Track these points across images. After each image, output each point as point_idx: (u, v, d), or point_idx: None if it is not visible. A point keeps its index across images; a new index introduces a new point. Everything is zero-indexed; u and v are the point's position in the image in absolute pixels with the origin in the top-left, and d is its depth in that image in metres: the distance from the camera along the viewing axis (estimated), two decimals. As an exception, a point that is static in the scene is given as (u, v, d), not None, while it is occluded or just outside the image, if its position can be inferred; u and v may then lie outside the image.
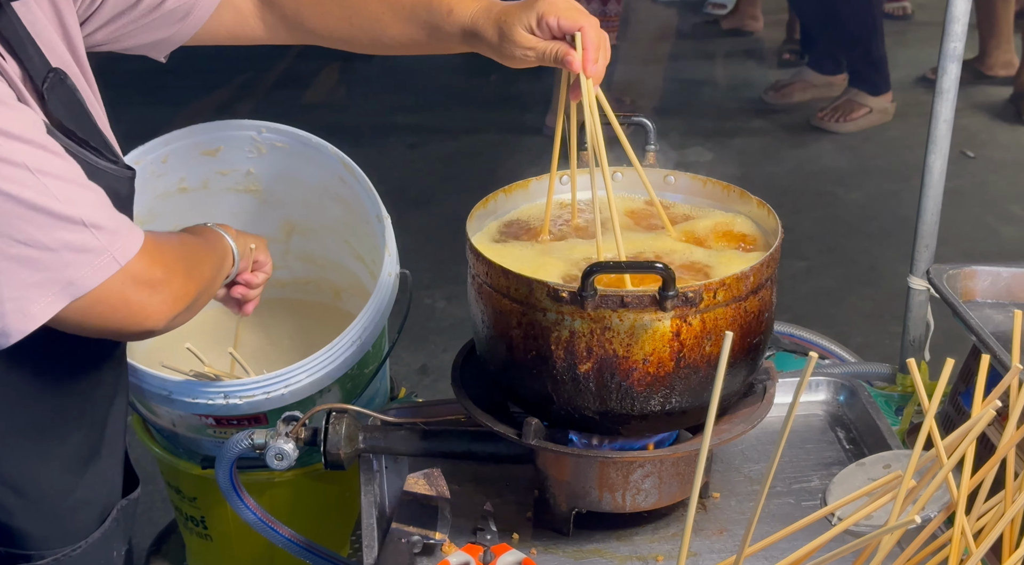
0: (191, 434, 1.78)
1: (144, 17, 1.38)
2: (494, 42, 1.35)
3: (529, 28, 1.34)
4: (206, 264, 1.35)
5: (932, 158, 1.71)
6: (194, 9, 1.42)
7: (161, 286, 1.17)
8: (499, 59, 1.38)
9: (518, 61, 1.36)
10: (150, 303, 1.16)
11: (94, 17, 1.35)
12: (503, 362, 1.37)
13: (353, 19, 1.44)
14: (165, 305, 1.18)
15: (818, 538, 1.06)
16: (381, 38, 1.45)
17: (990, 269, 1.59)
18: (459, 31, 1.39)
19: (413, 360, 3.50)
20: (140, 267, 1.14)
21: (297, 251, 2.07)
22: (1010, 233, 3.96)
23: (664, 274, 1.24)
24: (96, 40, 1.37)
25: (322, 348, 1.70)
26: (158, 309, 1.18)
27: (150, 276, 1.16)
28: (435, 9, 1.39)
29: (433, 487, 1.47)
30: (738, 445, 1.57)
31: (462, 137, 4.68)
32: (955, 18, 1.61)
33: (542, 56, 1.34)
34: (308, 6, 1.45)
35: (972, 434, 1.03)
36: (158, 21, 1.40)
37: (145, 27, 1.39)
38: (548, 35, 1.34)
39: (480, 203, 1.48)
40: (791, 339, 1.94)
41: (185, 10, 1.41)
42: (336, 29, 1.46)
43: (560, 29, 1.33)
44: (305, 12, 1.46)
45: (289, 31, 1.49)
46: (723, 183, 1.52)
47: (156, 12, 1.39)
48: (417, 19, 1.41)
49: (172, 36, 1.43)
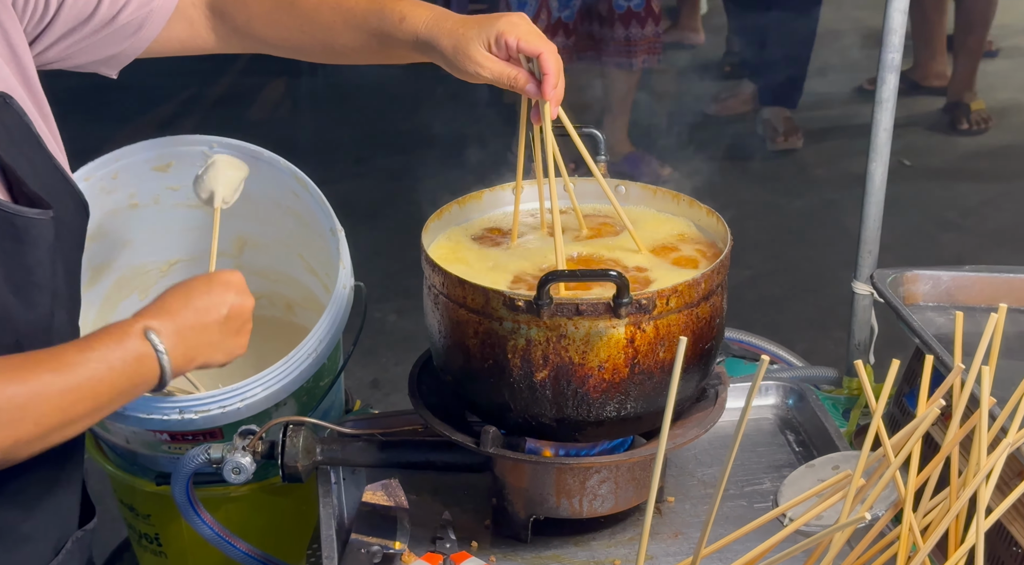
0: (145, 451, 1.77)
1: (97, 32, 1.36)
2: (448, 53, 1.36)
3: (487, 45, 1.35)
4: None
5: (873, 166, 1.76)
6: (146, 22, 1.41)
7: None
8: (451, 71, 1.40)
9: (470, 76, 1.38)
10: None
11: (45, 35, 1.32)
12: (460, 371, 1.39)
13: (304, 27, 1.43)
14: None
15: (770, 539, 1.09)
16: (333, 46, 1.44)
17: (931, 273, 1.64)
18: (412, 39, 1.39)
19: (365, 374, 3.49)
20: None
21: (249, 265, 2.06)
22: (948, 238, 4.06)
23: (618, 282, 1.27)
24: (48, 58, 1.35)
25: (276, 362, 1.70)
26: None
27: None
28: (387, 17, 1.39)
29: (391, 497, 1.48)
30: (691, 449, 1.60)
31: (409, 151, 4.69)
32: (892, 29, 1.66)
33: (497, 77, 1.35)
34: (259, 16, 1.45)
35: (917, 433, 1.07)
36: (111, 36, 1.38)
37: (98, 42, 1.38)
38: (504, 55, 1.35)
39: (435, 214, 1.50)
40: (741, 345, 1.98)
41: (138, 23, 1.40)
42: (288, 38, 1.45)
43: (519, 51, 1.34)
44: (256, 22, 1.45)
45: (241, 41, 1.48)
46: (672, 192, 1.56)
47: (110, 27, 1.37)
48: (369, 27, 1.41)
49: (125, 50, 1.42)
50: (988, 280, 1.63)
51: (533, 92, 1.35)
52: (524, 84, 1.35)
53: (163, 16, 1.42)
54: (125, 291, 1.99)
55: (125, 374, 1.10)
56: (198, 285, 1.21)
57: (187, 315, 1.17)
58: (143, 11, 1.40)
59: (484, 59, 1.35)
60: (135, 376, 1.11)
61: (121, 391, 1.11)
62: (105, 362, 1.09)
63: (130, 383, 1.11)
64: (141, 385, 1.13)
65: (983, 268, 1.65)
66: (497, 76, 1.35)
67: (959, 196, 4.40)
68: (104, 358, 1.09)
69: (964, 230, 4.14)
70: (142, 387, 1.13)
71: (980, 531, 1.03)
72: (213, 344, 1.20)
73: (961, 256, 3.85)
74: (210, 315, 1.19)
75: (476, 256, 1.47)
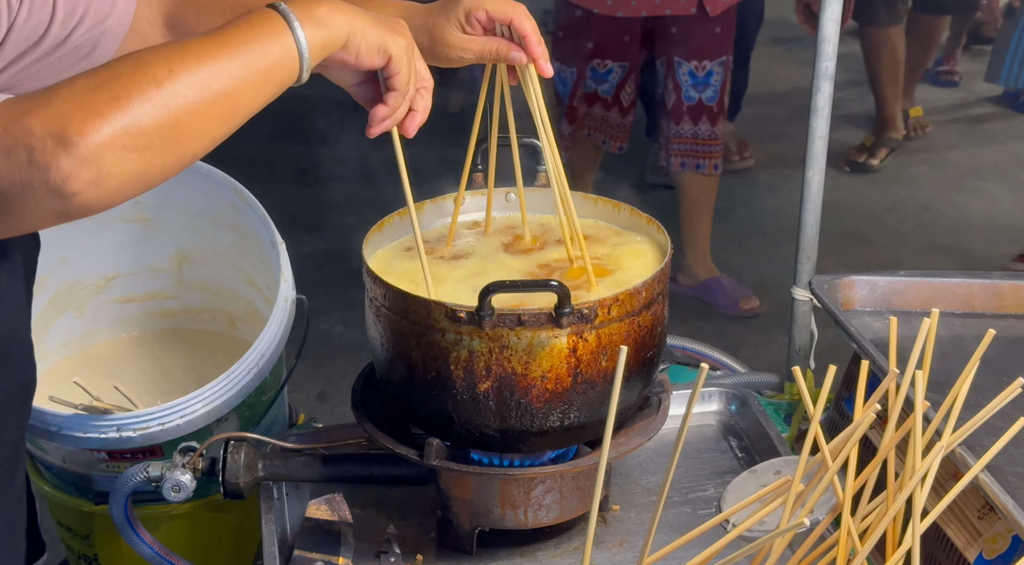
0: (82, 470, 1.73)
1: (48, 55, 1.26)
2: (426, 47, 1.33)
3: (460, 27, 1.32)
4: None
5: (810, 173, 1.79)
6: (100, 43, 1.31)
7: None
8: (435, 63, 1.36)
9: (455, 62, 1.35)
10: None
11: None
12: (403, 384, 1.38)
13: None
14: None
15: (713, 545, 1.09)
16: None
17: (867, 278, 1.67)
18: None
19: (311, 387, 3.46)
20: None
21: (189, 280, 2.04)
22: (887, 242, 4.14)
23: (559, 292, 1.27)
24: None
25: (217, 377, 1.68)
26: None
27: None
28: None
29: (335, 512, 1.47)
30: (636, 457, 1.60)
31: (353, 162, 4.67)
32: (826, 39, 1.68)
33: (481, 54, 1.33)
34: None
35: (854, 437, 1.08)
36: (63, 59, 1.28)
37: (49, 66, 1.27)
38: (479, 31, 1.33)
39: (375, 226, 1.49)
40: (684, 352, 1.99)
41: (91, 44, 1.30)
42: None
43: (490, 21, 1.32)
44: None
45: None
46: (614, 201, 1.56)
47: (61, 48, 1.27)
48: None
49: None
50: (923, 285, 1.66)
51: (519, 58, 1.33)
52: (509, 52, 1.32)
53: (117, 36, 1.33)
54: (60, 308, 1.96)
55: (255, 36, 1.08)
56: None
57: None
58: (96, 31, 1.30)
59: (463, 42, 1.33)
60: (264, 35, 1.08)
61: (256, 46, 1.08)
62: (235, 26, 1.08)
63: (261, 46, 1.08)
64: (274, 45, 1.09)
65: (918, 273, 1.68)
66: (481, 53, 1.33)
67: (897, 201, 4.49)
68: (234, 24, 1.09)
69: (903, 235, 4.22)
70: (275, 47, 1.09)
71: (916, 534, 1.05)
72: (354, 13, 1.14)
73: (900, 261, 3.93)
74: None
75: (416, 267, 1.46)
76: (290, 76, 1.12)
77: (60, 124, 0.97)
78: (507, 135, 1.45)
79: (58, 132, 0.97)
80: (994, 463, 1.21)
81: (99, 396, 1.74)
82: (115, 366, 1.95)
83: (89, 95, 1.00)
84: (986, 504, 1.28)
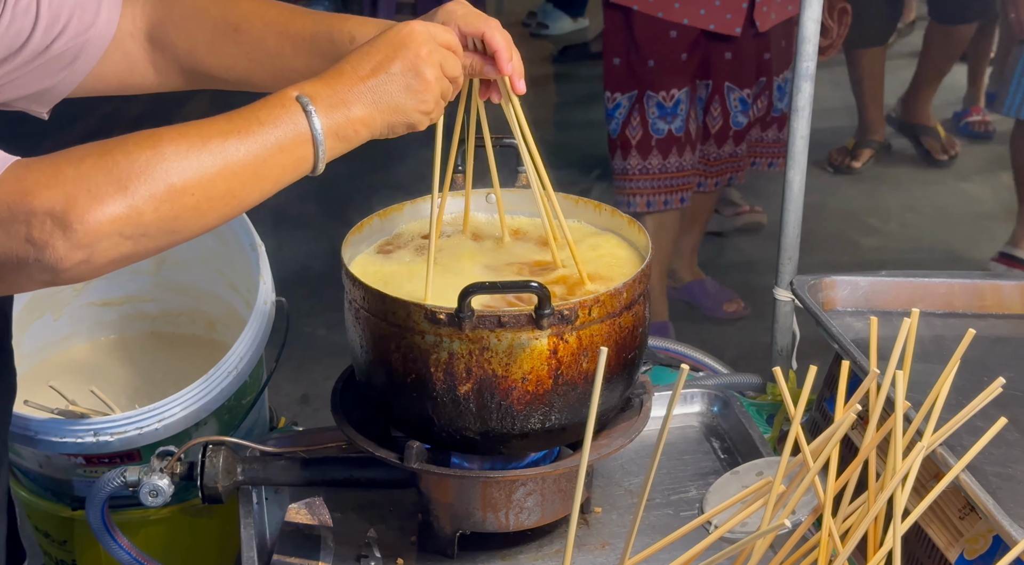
0: (60, 475, 1.72)
1: (29, 63, 1.26)
2: None
3: None
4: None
5: (792, 174, 1.78)
6: (82, 52, 1.31)
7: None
8: None
9: None
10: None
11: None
12: (383, 386, 1.37)
13: (252, 55, 1.35)
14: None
15: (695, 547, 1.09)
16: (282, 72, 1.36)
17: (849, 279, 1.67)
18: None
19: (294, 390, 3.45)
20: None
21: (168, 283, 2.03)
22: (869, 243, 4.15)
23: (539, 293, 1.26)
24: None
25: (196, 381, 1.67)
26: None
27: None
28: (336, 39, 1.33)
29: (315, 516, 1.46)
30: (618, 459, 1.60)
31: (339, 163, 4.65)
32: (806, 39, 1.68)
33: None
34: (202, 45, 1.36)
35: (835, 438, 1.08)
36: (44, 67, 1.28)
37: (30, 74, 1.28)
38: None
39: (355, 228, 1.48)
40: (666, 353, 1.99)
41: (73, 53, 1.30)
42: (233, 67, 1.37)
43: (462, 35, 1.31)
44: (199, 51, 1.36)
45: (183, 75, 1.39)
46: (595, 202, 1.55)
47: (42, 57, 1.27)
48: (318, 50, 1.34)
49: (58, 84, 1.32)
50: (904, 285, 1.66)
51: (493, 72, 1.32)
52: (483, 67, 1.31)
53: (100, 46, 1.33)
54: (37, 312, 1.94)
55: (275, 129, 1.10)
56: (368, 44, 1.20)
57: (344, 68, 1.17)
58: (79, 40, 1.30)
59: None
60: (283, 128, 1.11)
61: (265, 147, 1.10)
62: (256, 119, 1.10)
63: (279, 142, 1.11)
64: (292, 142, 1.11)
65: (899, 273, 1.68)
66: None
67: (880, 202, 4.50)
68: (254, 115, 1.11)
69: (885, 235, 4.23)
70: (294, 144, 1.12)
71: (896, 534, 1.04)
72: (376, 100, 1.16)
73: (883, 261, 3.94)
74: (363, 69, 1.17)
75: (397, 269, 1.45)
76: (301, 176, 1.15)
77: (63, 208, 0.99)
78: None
79: (60, 216, 0.99)
80: (975, 463, 1.21)
81: (75, 400, 1.73)
82: (93, 370, 1.94)
83: (97, 182, 1.01)
84: (967, 504, 1.27)
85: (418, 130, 1.23)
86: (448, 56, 1.22)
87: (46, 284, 1.05)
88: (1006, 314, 1.66)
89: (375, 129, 1.18)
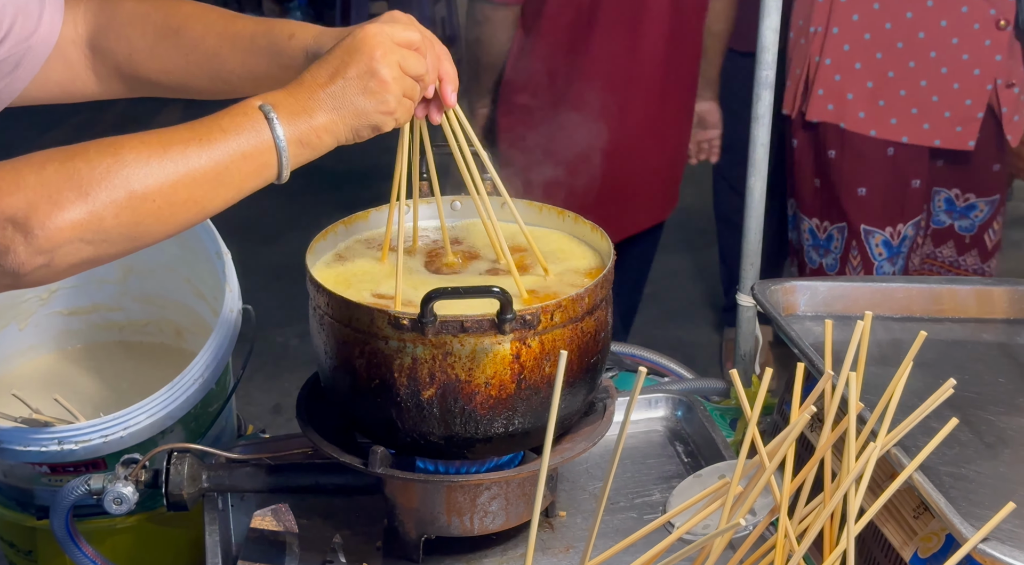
0: (23, 484, 1.71)
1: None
2: None
3: None
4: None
5: (753, 181, 1.81)
6: (23, 60, 1.31)
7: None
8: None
9: None
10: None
11: None
12: (347, 392, 1.38)
13: (191, 56, 1.37)
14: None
15: (655, 547, 1.10)
16: (220, 73, 1.38)
17: (808, 283, 1.69)
18: (302, 55, 1.34)
19: (266, 400, 3.45)
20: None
21: (135, 292, 2.02)
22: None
23: (501, 298, 1.27)
24: None
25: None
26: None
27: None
28: (276, 36, 1.35)
29: (281, 523, 1.46)
30: (583, 463, 1.61)
31: (310, 174, 4.65)
32: (765, 47, 1.71)
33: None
34: (142, 50, 1.38)
35: (790, 438, 1.10)
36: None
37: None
38: None
39: (320, 235, 1.49)
40: (632, 359, 2.00)
41: (15, 61, 1.31)
42: (172, 70, 1.38)
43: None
44: (139, 56, 1.38)
45: (123, 81, 1.40)
46: (558, 208, 1.57)
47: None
48: (257, 48, 1.35)
49: (0, 92, 1.32)
50: (863, 289, 1.68)
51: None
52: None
53: (41, 54, 1.34)
54: (2, 321, 1.93)
55: (237, 137, 1.11)
56: (327, 53, 1.22)
57: (304, 78, 1.19)
58: (21, 48, 1.31)
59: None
60: (246, 136, 1.12)
61: (227, 155, 1.11)
62: (218, 127, 1.12)
63: (241, 150, 1.12)
64: (254, 150, 1.13)
65: (857, 278, 1.71)
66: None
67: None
68: (216, 123, 1.12)
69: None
70: (256, 152, 1.13)
71: (850, 534, 1.06)
72: (337, 106, 1.18)
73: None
74: (321, 77, 1.19)
75: (360, 275, 1.46)
76: (265, 183, 1.17)
77: (25, 214, 1.01)
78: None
79: (22, 221, 1.00)
80: (929, 463, 1.23)
81: (39, 409, 1.72)
82: (60, 379, 1.93)
83: (58, 189, 1.02)
84: (921, 504, 1.30)
85: (384, 131, 1.24)
86: (408, 55, 1.23)
87: (7, 287, 1.06)
88: (962, 318, 1.69)
89: (339, 135, 1.20)
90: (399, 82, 1.21)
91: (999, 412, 1.45)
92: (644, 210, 2.72)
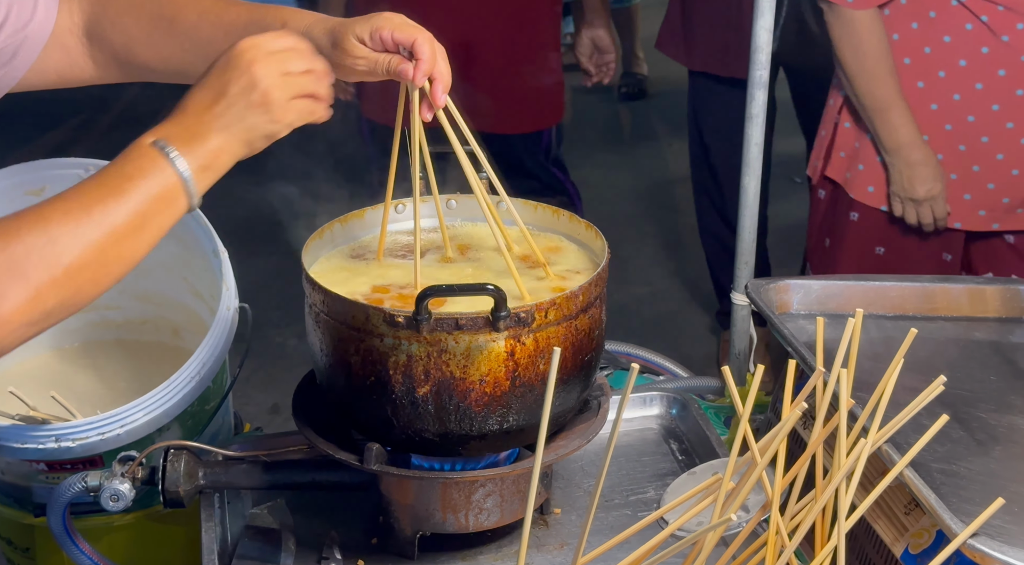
0: (21, 482, 1.72)
1: None
2: (326, 51, 1.34)
3: (361, 39, 1.33)
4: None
5: (747, 180, 1.82)
6: (21, 49, 1.34)
7: None
8: (335, 71, 1.36)
9: (348, 70, 1.36)
10: None
11: None
12: (343, 389, 1.38)
13: (186, 45, 1.39)
14: None
15: (648, 542, 1.11)
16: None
17: (802, 282, 1.70)
18: None
19: (264, 399, 3.45)
20: None
21: (132, 290, 2.03)
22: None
23: (496, 295, 1.28)
24: None
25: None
26: None
27: None
28: (269, 24, 1.36)
29: (277, 519, 1.47)
30: (578, 461, 1.62)
31: (310, 174, 4.65)
32: (759, 47, 1.72)
33: (373, 67, 1.34)
34: (138, 39, 1.40)
35: (781, 434, 1.10)
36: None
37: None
38: (381, 48, 1.34)
39: (316, 233, 1.50)
40: (628, 358, 2.01)
41: (12, 50, 1.33)
42: (168, 58, 1.40)
43: (394, 42, 1.33)
44: (135, 45, 1.40)
45: (121, 68, 1.43)
46: (553, 207, 1.58)
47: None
48: (250, 35, 1.31)
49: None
50: (856, 288, 1.69)
51: (406, 73, 1.33)
52: (398, 64, 1.33)
53: (38, 43, 1.36)
54: (1, 319, 1.94)
55: (144, 181, 1.13)
56: (203, 75, 1.22)
57: (186, 105, 1.20)
58: (17, 38, 1.33)
59: (359, 50, 1.34)
60: (152, 178, 1.13)
61: (141, 202, 1.13)
62: (124, 175, 1.12)
63: (152, 193, 1.13)
64: (164, 189, 1.14)
65: (851, 277, 1.72)
66: (372, 65, 1.34)
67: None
68: (121, 171, 1.13)
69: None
70: (165, 191, 1.14)
71: (841, 530, 1.07)
72: (226, 125, 1.19)
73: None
74: (205, 100, 1.20)
75: (354, 272, 1.47)
76: (180, 216, 1.19)
77: None
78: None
79: None
80: (920, 460, 1.24)
81: (36, 406, 1.73)
82: (57, 377, 1.94)
83: (1, 279, 1.04)
84: (912, 500, 1.30)
85: (280, 137, 1.25)
86: (287, 57, 1.23)
87: None
88: (955, 316, 1.70)
89: (235, 152, 1.22)
90: (282, 88, 1.22)
91: (990, 410, 1.46)
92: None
